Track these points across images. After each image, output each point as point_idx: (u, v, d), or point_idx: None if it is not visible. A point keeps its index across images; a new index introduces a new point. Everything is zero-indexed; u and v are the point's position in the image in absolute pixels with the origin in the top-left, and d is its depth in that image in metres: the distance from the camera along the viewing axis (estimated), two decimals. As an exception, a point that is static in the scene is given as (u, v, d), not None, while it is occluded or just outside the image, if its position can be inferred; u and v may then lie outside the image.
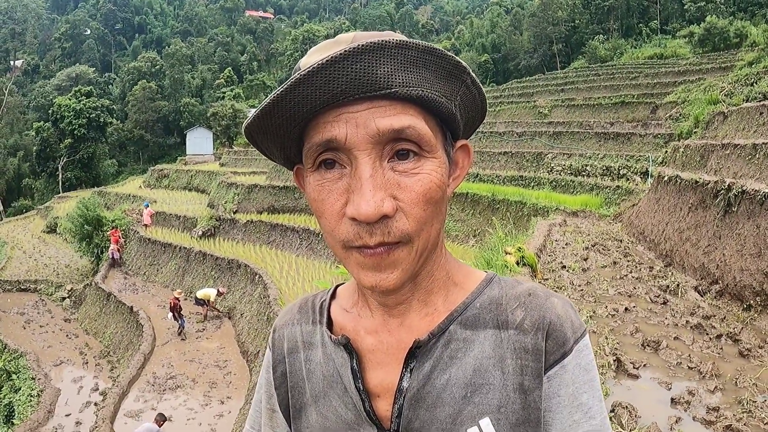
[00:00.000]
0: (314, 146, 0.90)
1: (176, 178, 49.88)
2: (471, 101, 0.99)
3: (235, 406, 14.24)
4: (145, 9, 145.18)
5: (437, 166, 0.92)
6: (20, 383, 17.22)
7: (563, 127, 32.44)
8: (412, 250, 0.91)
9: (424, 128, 0.89)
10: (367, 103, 0.86)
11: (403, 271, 0.91)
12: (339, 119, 0.87)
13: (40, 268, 32.92)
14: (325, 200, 0.91)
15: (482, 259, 9.52)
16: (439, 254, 1.03)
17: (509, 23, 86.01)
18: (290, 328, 1.19)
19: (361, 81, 0.84)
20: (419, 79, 0.87)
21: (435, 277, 1.03)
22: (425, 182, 0.90)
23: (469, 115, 1.01)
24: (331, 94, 0.84)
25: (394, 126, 0.87)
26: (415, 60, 0.86)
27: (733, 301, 8.43)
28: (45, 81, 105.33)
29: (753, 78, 23.24)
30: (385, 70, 0.84)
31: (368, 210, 0.85)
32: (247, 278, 21.06)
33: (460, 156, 1.04)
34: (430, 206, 0.91)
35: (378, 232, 0.87)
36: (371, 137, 0.87)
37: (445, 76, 0.91)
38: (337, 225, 0.91)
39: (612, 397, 5.20)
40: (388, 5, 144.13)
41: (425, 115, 0.91)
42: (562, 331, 0.98)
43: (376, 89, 0.85)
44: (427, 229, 0.92)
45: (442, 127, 0.96)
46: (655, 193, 14.08)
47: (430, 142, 0.91)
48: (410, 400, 0.99)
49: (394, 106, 0.87)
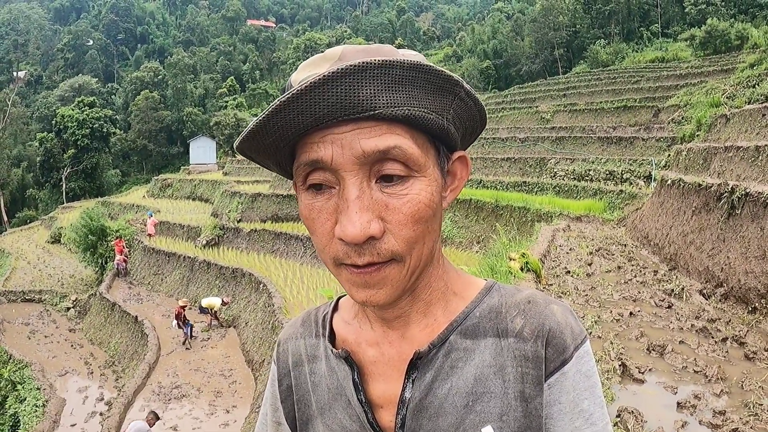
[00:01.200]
0: (302, 165, 0.90)
1: (180, 188, 49.95)
2: (467, 113, 0.97)
3: (241, 415, 14.22)
4: (147, 19, 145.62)
5: (426, 185, 0.91)
6: (25, 393, 17.20)
7: (566, 132, 32.45)
8: (403, 268, 0.91)
9: (411, 148, 0.88)
10: (352, 124, 0.86)
11: (393, 288, 0.91)
12: (325, 140, 0.87)
13: (44, 279, 32.95)
14: (315, 220, 0.92)
15: (486, 266, 9.51)
16: (436, 266, 1.03)
17: (510, 29, 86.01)
18: (294, 341, 1.20)
19: (343, 104, 0.83)
20: (406, 98, 0.86)
21: (433, 289, 1.03)
22: (414, 203, 0.89)
23: (467, 125, 1.00)
24: (314, 118, 0.84)
25: (379, 147, 0.86)
26: (401, 78, 0.85)
27: (738, 304, 8.41)
28: (48, 92, 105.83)
29: (755, 80, 23.21)
30: (367, 92, 0.83)
31: (354, 232, 0.85)
32: (251, 287, 21.05)
33: (458, 167, 1.03)
34: (420, 226, 0.90)
35: (366, 252, 0.87)
36: (357, 158, 0.86)
37: (435, 91, 0.89)
38: (327, 244, 0.91)
39: (618, 402, 5.19)
40: (389, 13, 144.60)
41: (413, 133, 0.90)
42: (562, 338, 0.98)
43: (359, 111, 0.84)
44: (418, 248, 0.91)
45: (434, 142, 0.95)
46: (658, 196, 14.07)
47: (418, 162, 0.90)
48: (413, 410, 0.99)
49: (379, 127, 0.86)
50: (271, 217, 31.05)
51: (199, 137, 71.21)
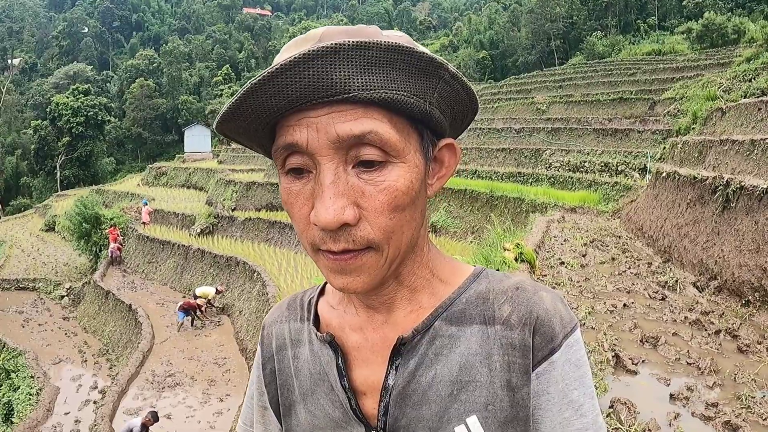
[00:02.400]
0: (279, 149, 0.89)
1: (174, 176, 49.89)
2: (453, 96, 0.94)
3: (234, 404, 14.23)
4: (142, 6, 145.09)
5: (405, 171, 0.88)
6: (19, 382, 17.20)
7: (561, 123, 32.46)
8: (381, 257, 0.89)
9: (388, 132, 0.85)
10: (327, 107, 0.84)
11: (370, 276, 0.89)
12: (300, 124, 0.85)
13: (38, 267, 32.90)
14: (293, 204, 0.90)
15: (480, 256, 9.52)
16: (420, 253, 1.01)
17: (507, 20, 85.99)
18: (279, 325, 1.18)
19: (315, 86, 0.81)
20: (383, 80, 0.83)
21: (418, 275, 1.01)
22: (391, 190, 0.86)
23: (455, 110, 0.97)
24: (287, 100, 0.82)
25: (354, 131, 0.83)
26: (378, 60, 0.82)
27: (731, 297, 8.42)
28: (43, 79, 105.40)
29: (751, 74, 23.20)
30: (341, 74, 0.81)
31: (327, 218, 0.83)
32: (245, 275, 21.05)
33: (446, 154, 1.00)
34: (397, 214, 0.88)
35: (342, 239, 0.86)
36: (332, 143, 0.84)
37: (417, 73, 0.86)
38: (305, 229, 0.89)
39: (611, 393, 5.20)
40: (385, 2, 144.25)
41: (392, 117, 0.87)
42: (551, 326, 0.95)
43: (332, 94, 0.82)
44: (396, 237, 0.89)
45: (417, 127, 0.92)
46: (653, 189, 14.08)
47: (396, 147, 0.87)
48: (396, 397, 0.97)
49: (355, 111, 0.84)
50: (266, 206, 31.03)
51: (194, 125, 71.09)
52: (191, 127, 70.62)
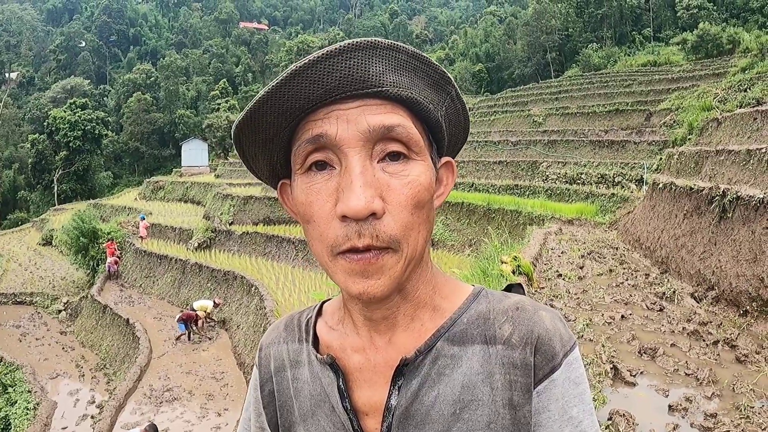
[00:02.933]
0: (304, 143, 0.90)
1: (172, 190, 49.88)
2: (455, 116, 1.00)
3: (232, 418, 14.18)
4: (139, 21, 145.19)
5: (426, 169, 0.92)
6: (16, 396, 17.12)
7: (558, 135, 32.55)
8: (400, 257, 0.90)
9: (413, 129, 0.90)
10: (358, 101, 0.88)
11: (390, 278, 0.90)
12: (330, 116, 0.88)
13: (35, 281, 32.81)
14: (313, 202, 0.91)
15: (478, 269, 9.52)
16: (425, 269, 1.02)
17: (503, 32, 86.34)
18: (276, 346, 1.18)
19: (354, 77, 0.85)
20: (409, 83, 0.89)
21: (421, 292, 1.02)
22: (414, 185, 0.90)
23: (453, 131, 1.02)
24: (325, 89, 0.86)
25: (384, 123, 0.87)
26: (405, 63, 0.89)
27: (729, 307, 8.43)
28: (40, 93, 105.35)
29: (746, 84, 23.34)
30: (377, 69, 0.86)
31: (358, 204, 0.84)
32: (243, 290, 21.01)
33: (444, 173, 1.03)
34: (418, 210, 0.90)
35: (366, 233, 0.86)
36: (362, 134, 0.87)
37: (432, 84, 0.93)
38: (326, 227, 0.89)
39: (609, 405, 5.19)
40: (382, 16, 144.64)
41: (414, 118, 0.92)
42: (551, 345, 0.97)
43: (367, 86, 0.86)
44: (414, 236, 0.91)
45: (429, 136, 0.97)
46: (650, 200, 14.11)
47: (419, 144, 0.91)
48: (399, 418, 0.97)
49: (384, 105, 0.88)
50: (263, 220, 31.04)
51: (191, 139, 71.14)
52: (188, 141, 70.63)
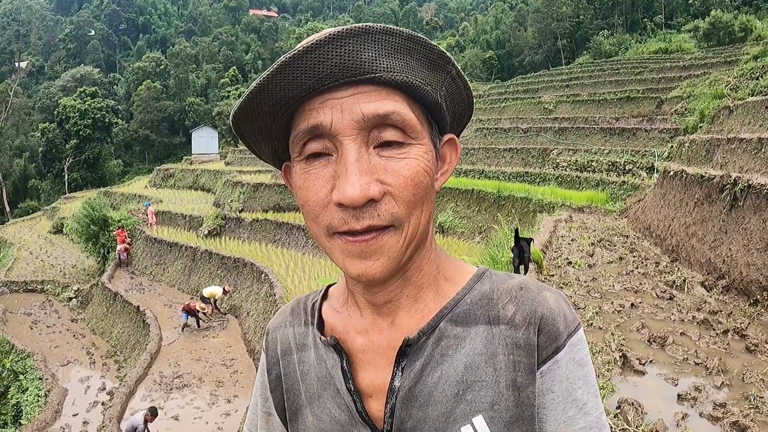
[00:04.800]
0: (300, 133, 0.90)
1: (182, 178, 50.04)
2: (456, 93, 0.99)
3: (242, 405, 14.25)
4: (149, 9, 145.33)
5: (423, 152, 0.92)
6: (28, 383, 17.27)
7: (568, 123, 32.40)
8: (400, 236, 0.90)
9: (408, 114, 0.90)
10: (352, 88, 0.87)
11: (389, 258, 0.90)
12: (324, 105, 0.87)
13: (46, 269, 33.04)
14: (309, 187, 0.91)
15: (488, 256, 9.52)
16: (428, 249, 1.02)
17: (513, 19, 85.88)
18: (283, 330, 1.18)
19: (345, 65, 0.84)
20: (404, 66, 0.88)
21: (425, 273, 1.02)
22: (413, 166, 0.89)
23: (456, 108, 1.01)
24: (317, 78, 0.85)
25: (378, 111, 0.87)
26: (399, 47, 0.88)
27: (739, 296, 8.39)
28: (50, 82, 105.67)
29: (758, 72, 23.13)
30: (369, 55, 0.85)
31: (354, 193, 0.84)
32: (253, 277, 21.09)
33: (447, 150, 1.03)
34: (419, 190, 0.90)
35: (366, 215, 0.87)
36: (356, 122, 0.87)
37: (429, 65, 0.92)
38: (321, 212, 0.90)
39: (618, 394, 5.18)
40: (392, 2, 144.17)
41: (410, 102, 0.91)
42: (555, 326, 0.96)
43: (360, 73, 0.85)
44: (416, 215, 0.91)
45: (428, 117, 0.96)
46: (660, 188, 14.04)
47: (416, 128, 0.91)
48: (402, 399, 0.97)
49: (378, 92, 0.88)
50: (273, 207, 31.11)
51: (201, 127, 71.22)
52: (198, 128, 70.74)
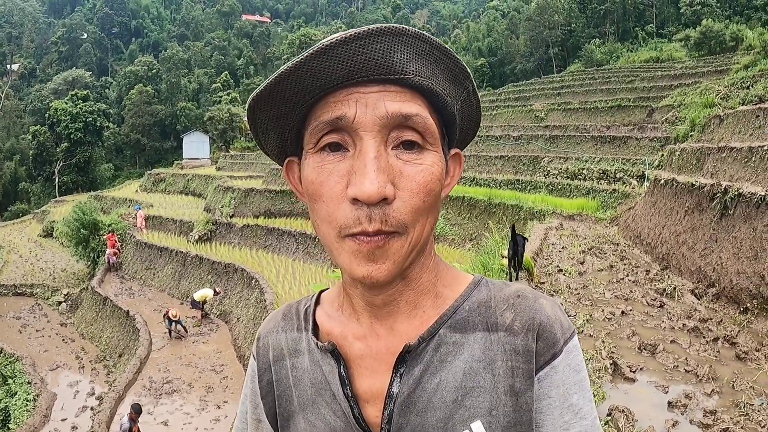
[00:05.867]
0: (321, 124, 0.90)
1: (173, 182, 49.90)
2: (468, 110, 1.01)
3: (232, 411, 14.20)
4: (141, 13, 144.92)
5: (438, 159, 0.93)
6: (16, 388, 17.16)
7: (559, 130, 32.48)
8: (405, 242, 0.90)
9: (429, 119, 0.91)
10: (379, 86, 0.88)
11: (394, 263, 0.90)
12: (349, 98, 0.88)
13: (36, 273, 32.83)
14: (324, 182, 0.90)
15: (479, 263, 9.53)
16: (428, 257, 1.02)
17: (505, 27, 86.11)
18: (275, 335, 1.17)
19: (378, 62, 0.85)
20: (430, 73, 0.90)
21: (424, 279, 1.02)
22: (427, 173, 0.90)
23: (465, 126, 1.03)
24: (348, 70, 0.85)
25: (403, 111, 0.88)
26: (428, 54, 0.89)
27: (729, 304, 8.43)
28: (42, 85, 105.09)
29: (749, 81, 23.31)
30: (401, 56, 0.86)
31: (371, 188, 0.84)
32: (243, 282, 21.04)
33: (452, 164, 1.03)
34: (429, 198, 0.91)
35: (377, 218, 0.86)
36: (379, 119, 0.87)
37: (451, 77, 0.93)
38: (336, 208, 0.89)
39: (609, 401, 5.19)
40: (384, 9, 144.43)
41: (430, 109, 0.92)
42: (552, 332, 0.97)
43: (390, 72, 0.87)
44: (422, 222, 0.92)
45: (443, 128, 0.97)
46: (651, 196, 14.09)
47: (434, 134, 0.92)
48: (400, 405, 0.97)
49: (404, 93, 0.89)
50: (264, 213, 31.04)
51: (192, 132, 71.11)
52: (190, 133, 70.59)
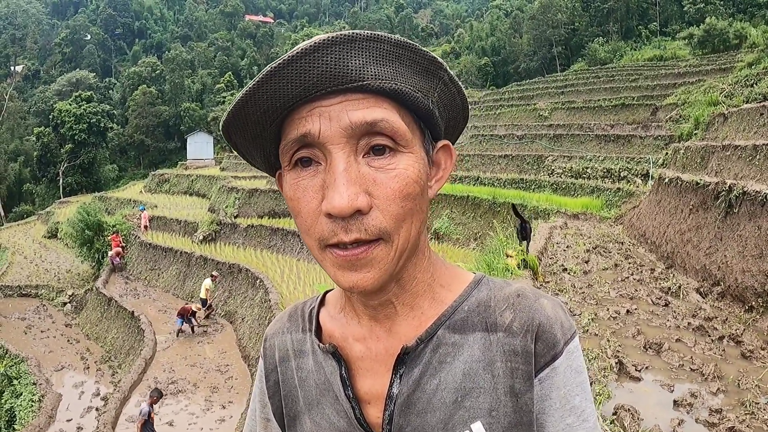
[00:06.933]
0: (289, 143, 0.89)
1: (177, 183, 49.95)
2: (450, 99, 0.98)
3: (237, 411, 14.22)
4: (145, 14, 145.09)
5: (414, 161, 0.90)
6: (21, 388, 17.19)
7: (563, 129, 32.48)
8: (391, 248, 0.89)
9: (398, 122, 0.88)
10: (340, 96, 0.86)
11: (380, 270, 0.89)
12: (312, 114, 0.86)
13: (41, 274, 32.92)
14: (300, 198, 0.90)
15: (483, 263, 9.52)
16: (422, 257, 1.02)
17: (509, 26, 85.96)
18: (281, 336, 1.18)
19: (332, 73, 0.83)
20: (393, 73, 0.87)
21: (419, 280, 1.01)
22: (401, 178, 0.88)
23: (450, 114, 1.01)
24: (303, 87, 0.84)
25: (366, 119, 0.86)
26: (388, 53, 0.86)
27: (734, 303, 8.41)
28: (45, 86, 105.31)
29: (753, 79, 23.22)
30: (356, 63, 0.84)
31: (341, 203, 0.83)
32: (248, 283, 21.04)
33: (441, 157, 1.02)
34: (408, 202, 0.89)
35: (354, 228, 0.86)
36: (344, 131, 0.86)
37: (421, 71, 0.90)
38: (313, 223, 0.89)
39: (614, 400, 5.18)
40: (387, 9, 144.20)
41: (400, 109, 0.90)
42: (552, 333, 0.96)
43: (347, 81, 0.84)
44: (406, 227, 0.90)
45: (420, 124, 0.95)
46: (655, 194, 14.07)
47: (405, 137, 0.89)
48: (401, 406, 0.98)
49: (367, 99, 0.86)
50: (268, 213, 31.07)
51: (196, 132, 71.10)
52: (194, 134, 70.60)
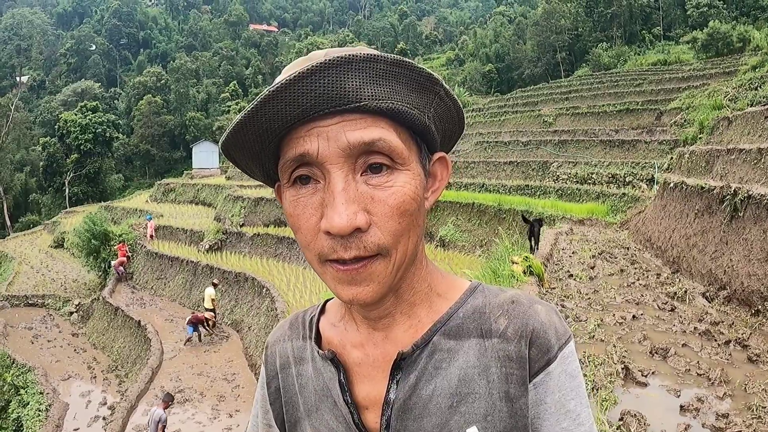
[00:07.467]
0: (288, 162, 0.91)
1: (183, 192, 50.00)
2: (446, 113, 0.99)
3: (244, 420, 14.20)
4: (149, 24, 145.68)
5: (411, 178, 0.92)
6: (28, 398, 17.20)
7: (568, 135, 32.47)
8: (389, 263, 0.91)
9: (395, 141, 0.90)
10: (338, 117, 0.87)
11: (379, 284, 0.91)
12: (310, 134, 0.88)
13: (47, 283, 32.97)
14: (300, 216, 0.92)
15: (489, 269, 9.52)
16: (419, 267, 1.03)
17: (513, 33, 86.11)
18: (282, 344, 1.20)
19: (329, 95, 0.84)
20: (389, 92, 0.88)
21: (417, 290, 1.03)
22: (398, 195, 0.90)
23: (446, 127, 1.02)
24: (301, 109, 0.85)
25: (364, 139, 0.87)
26: (384, 73, 0.87)
27: (741, 307, 8.39)
28: (51, 96, 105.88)
29: (757, 82, 23.21)
30: (353, 84, 0.85)
31: (341, 223, 0.85)
32: (254, 291, 21.06)
33: (438, 168, 1.04)
34: (405, 218, 0.91)
35: (353, 245, 0.87)
36: (342, 150, 0.87)
37: (417, 88, 0.92)
38: (313, 239, 0.91)
39: (620, 406, 5.17)
40: (391, 17, 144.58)
41: (397, 127, 0.92)
42: (546, 338, 0.98)
43: (345, 103, 0.86)
44: (403, 242, 0.92)
45: (416, 140, 0.97)
46: (661, 199, 14.05)
47: (402, 155, 0.91)
48: (397, 411, 0.99)
49: (364, 119, 0.88)
50: (274, 222, 31.08)
51: (201, 142, 71.20)
52: (199, 143, 70.69)
